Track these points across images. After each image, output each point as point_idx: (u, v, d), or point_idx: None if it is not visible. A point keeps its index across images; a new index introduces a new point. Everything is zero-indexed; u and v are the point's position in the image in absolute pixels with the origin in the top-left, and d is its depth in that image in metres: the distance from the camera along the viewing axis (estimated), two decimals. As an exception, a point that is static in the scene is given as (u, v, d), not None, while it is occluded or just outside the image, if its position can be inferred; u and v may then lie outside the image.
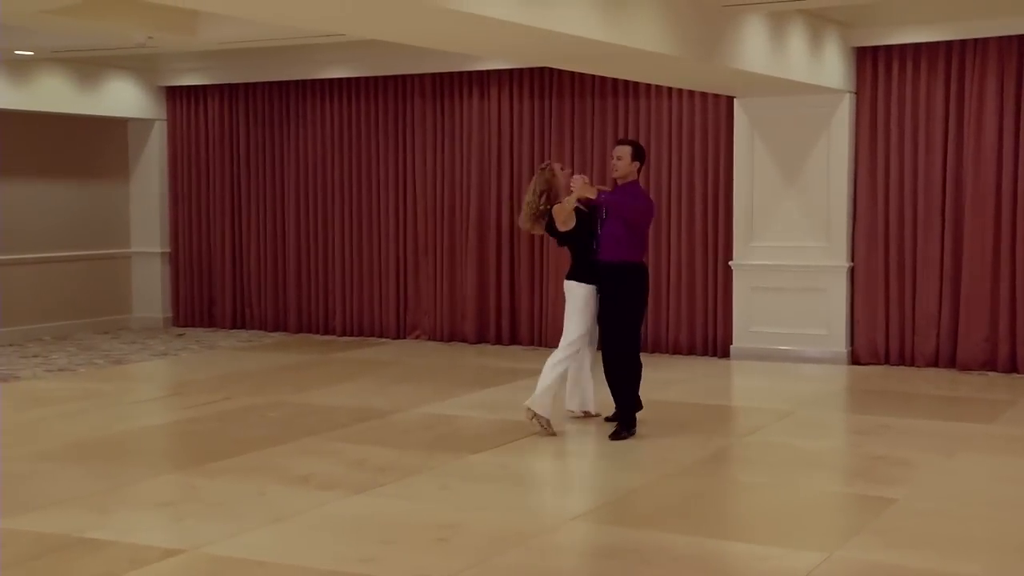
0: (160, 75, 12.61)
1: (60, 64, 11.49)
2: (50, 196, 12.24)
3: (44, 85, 11.49)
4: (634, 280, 7.25)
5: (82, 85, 11.87)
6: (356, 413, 8.12)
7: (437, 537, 5.29)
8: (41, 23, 8.49)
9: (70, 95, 11.77)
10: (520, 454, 6.95)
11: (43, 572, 4.88)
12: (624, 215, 7.16)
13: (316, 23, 7.22)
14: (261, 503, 5.86)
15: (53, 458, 6.89)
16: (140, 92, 12.57)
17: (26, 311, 11.98)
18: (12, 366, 10.30)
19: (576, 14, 6.62)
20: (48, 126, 12.06)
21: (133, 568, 4.87)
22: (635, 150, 7.27)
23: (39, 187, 12.14)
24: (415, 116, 11.75)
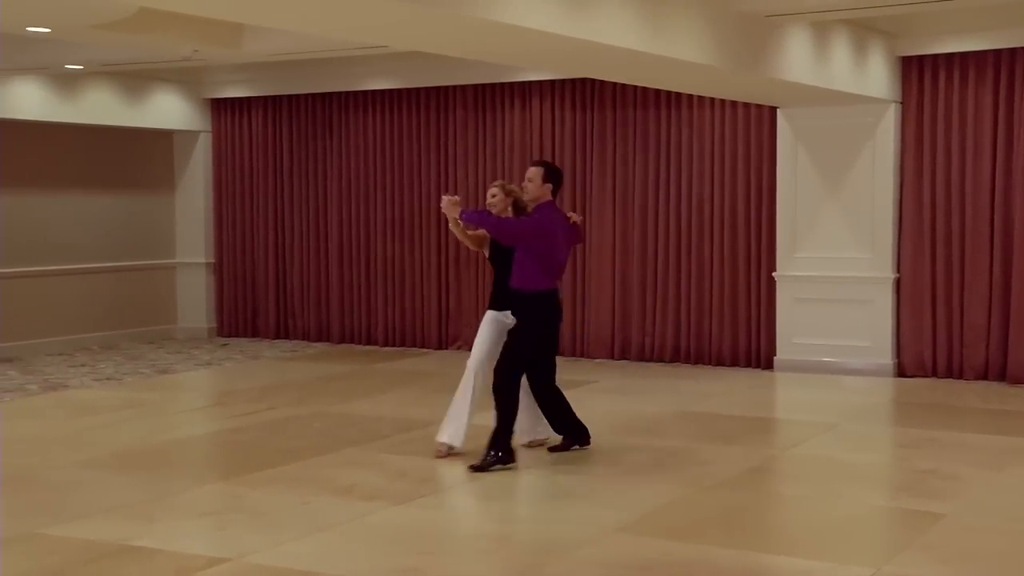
0: (205, 87, 12.75)
1: (108, 77, 11.66)
2: (97, 207, 12.41)
3: (92, 98, 11.67)
4: (537, 310, 6.80)
5: (129, 98, 12.04)
6: (398, 424, 8.15)
7: (479, 548, 5.31)
8: (91, 37, 8.62)
9: (117, 108, 11.94)
10: (562, 465, 6.95)
11: (91, 579, 4.95)
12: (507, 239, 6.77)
13: (359, 35, 7.27)
14: (304, 513, 5.90)
15: (100, 466, 6.98)
16: (185, 104, 12.72)
17: (74, 321, 12.15)
18: (61, 375, 10.45)
19: (618, 25, 6.63)
20: (96, 138, 12.23)
21: (179, 576, 4.94)
22: (547, 171, 6.86)
23: (87, 199, 12.32)
24: (457, 127, 11.80)
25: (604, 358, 11.17)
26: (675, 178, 10.86)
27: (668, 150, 10.89)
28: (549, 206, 6.87)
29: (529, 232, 6.78)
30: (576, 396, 9.22)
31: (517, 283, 6.81)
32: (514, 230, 6.80)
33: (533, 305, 6.80)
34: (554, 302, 6.92)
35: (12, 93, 11.05)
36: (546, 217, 6.83)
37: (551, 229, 6.80)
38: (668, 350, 10.94)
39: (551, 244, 6.80)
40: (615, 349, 11.19)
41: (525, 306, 6.82)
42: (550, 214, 6.85)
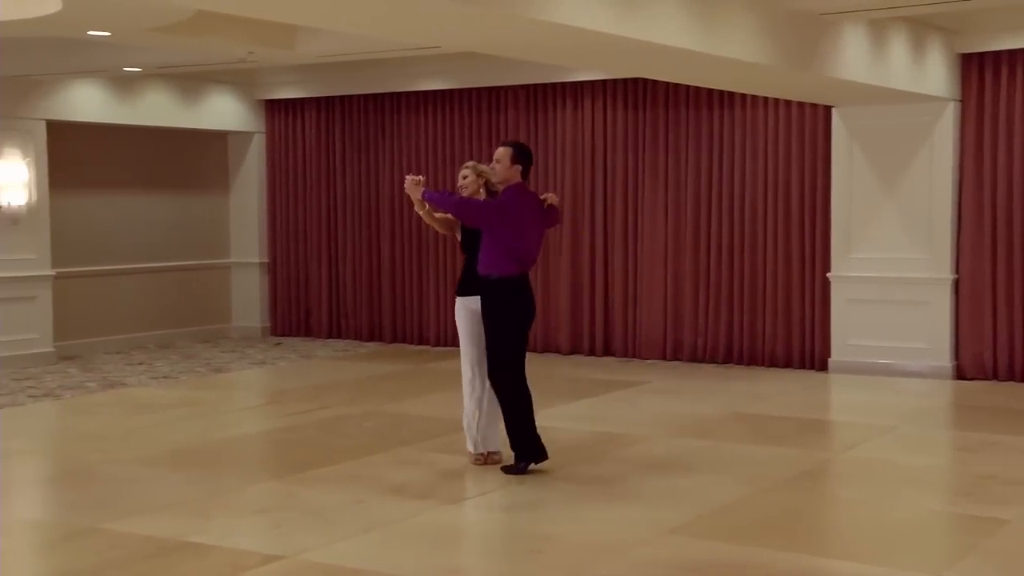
0: (259, 89, 12.88)
1: (165, 79, 11.81)
2: (154, 208, 12.57)
3: (150, 100, 11.82)
4: (500, 297, 6.51)
5: (185, 99, 12.19)
6: (450, 423, 8.15)
7: (531, 548, 5.31)
8: (148, 40, 8.74)
9: (174, 109, 12.10)
10: (615, 466, 6.93)
11: (152, 572, 5.00)
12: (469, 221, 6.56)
13: (412, 36, 7.31)
14: (357, 512, 5.94)
15: (157, 463, 7.07)
16: (240, 106, 12.85)
17: (131, 320, 12.32)
18: (119, 373, 10.60)
19: (671, 24, 6.61)
20: (152, 140, 12.39)
21: (235, 573, 4.98)
22: (515, 152, 6.56)
23: (144, 199, 12.48)
24: (508, 127, 11.81)
25: (656, 359, 11.13)
26: (728, 178, 10.80)
27: (721, 150, 10.82)
28: (518, 188, 6.58)
29: (493, 213, 6.49)
30: (628, 397, 9.26)
31: (483, 268, 6.52)
32: (477, 211, 6.53)
33: (499, 291, 6.50)
34: (521, 288, 6.58)
35: (73, 96, 11.23)
36: (512, 199, 6.53)
37: (517, 211, 6.50)
38: (721, 351, 10.88)
39: (517, 227, 6.50)
40: (667, 350, 11.14)
41: (491, 292, 6.52)
42: (518, 196, 6.55)
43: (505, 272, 6.50)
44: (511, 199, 6.52)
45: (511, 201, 6.52)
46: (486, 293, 6.53)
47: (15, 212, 10.86)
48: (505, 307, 6.53)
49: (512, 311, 6.56)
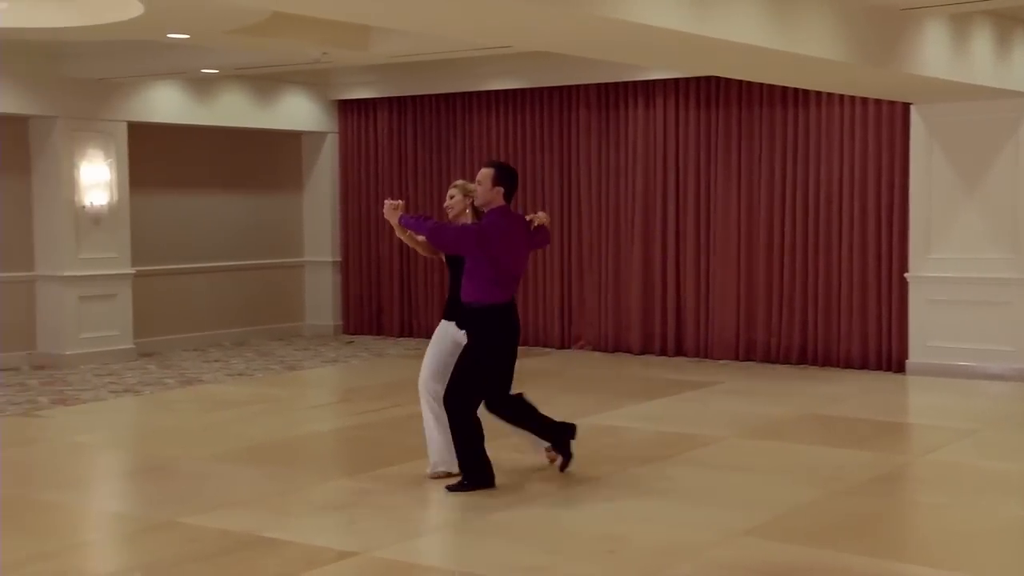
0: (333, 89, 13.00)
1: (240, 81, 11.98)
2: (229, 207, 12.75)
3: (226, 101, 12.00)
4: (486, 326, 6.20)
5: (260, 100, 12.35)
6: (521, 422, 8.17)
7: (603, 549, 5.30)
8: (226, 42, 8.88)
9: (249, 110, 12.26)
10: (686, 467, 6.89)
11: (228, 568, 5.08)
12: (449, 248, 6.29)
13: (485, 35, 7.33)
14: (429, 509, 5.98)
15: (233, 459, 7.17)
16: (314, 106, 12.99)
17: (208, 318, 12.51)
18: (196, 370, 10.77)
19: (745, 22, 6.55)
20: (228, 140, 12.57)
21: (310, 568, 5.03)
22: (497, 173, 6.19)
23: (220, 199, 12.67)
24: (580, 126, 11.79)
25: (728, 359, 11.04)
26: (802, 177, 10.68)
27: (795, 148, 10.71)
28: (501, 211, 6.20)
29: (472, 240, 6.12)
30: (700, 397, 9.20)
31: (467, 295, 6.20)
32: (455, 237, 6.19)
33: (485, 320, 6.17)
34: (508, 316, 6.25)
35: (152, 97, 11.43)
36: (493, 223, 6.15)
37: (497, 236, 6.12)
38: (795, 351, 10.76)
39: (500, 252, 6.13)
40: (740, 350, 11.05)
41: (476, 321, 6.19)
42: (500, 219, 6.17)
43: (491, 300, 6.17)
44: (492, 224, 6.15)
45: (492, 226, 6.15)
46: (471, 321, 6.22)
47: (97, 212, 11.09)
48: (491, 337, 6.21)
49: (497, 341, 6.24)
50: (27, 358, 10.93)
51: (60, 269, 10.95)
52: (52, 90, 10.70)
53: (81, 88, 10.86)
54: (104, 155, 11.14)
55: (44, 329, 11.05)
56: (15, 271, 10.93)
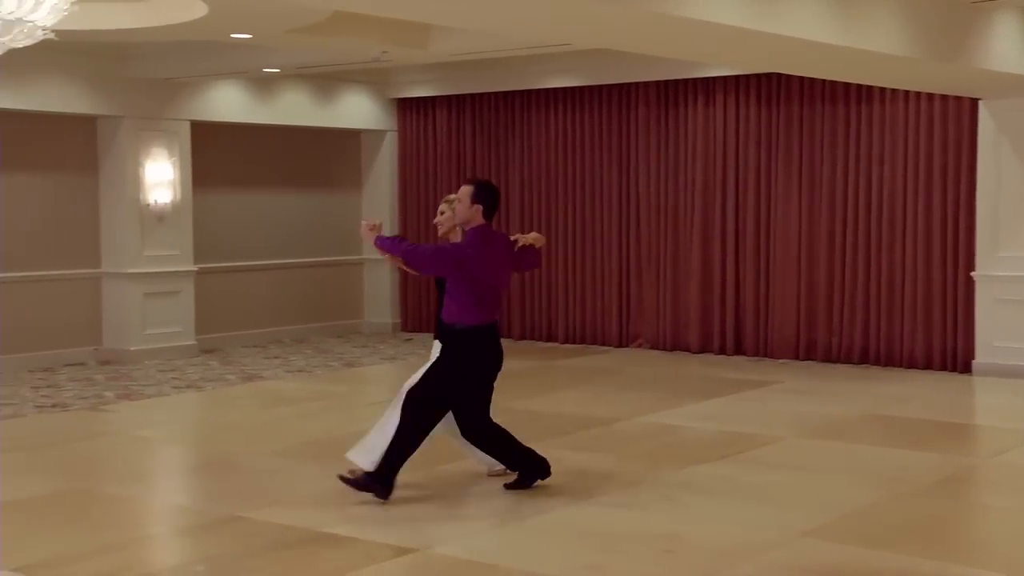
0: (392, 88, 13.06)
1: (301, 80, 12.08)
2: (290, 205, 12.87)
3: (287, 100, 12.11)
4: (467, 348, 6.02)
5: (320, 99, 12.44)
6: (579, 421, 8.17)
7: (662, 548, 5.27)
8: (287, 42, 8.95)
9: (310, 109, 12.36)
10: (746, 466, 6.83)
11: (289, 563, 5.12)
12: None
13: (546, 33, 7.32)
14: (489, 507, 5.97)
15: (293, 455, 7.23)
16: (373, 104, 13.06)
17: (267, 314, 12.63)
18: (256, 366, 10.88)
19: (808, 17, 6.48)
20: (289, 138, 12.68)
21: (369, 564, 5.06)
22: (477, 190, 5.99)
23: (280, 197, 12.78)
24: (639, 124, 11.74)
25: (788, 359, 10.94)
26: (865, 175, 10.55)
27: (858, 145, 10.58)
28: (480, 231, 6.00)
29: (449, 262, 5.97)
30: (760, 396, 9.12)
31: (448, 316, 6.04)
32: (432, 260, 6.04)
33: (462, 342, 6.00)
34: (488, 339, 6.04)
35: (215, 97, 11.56)
36: (472, 242, 5.98)
37: (475, 256, 5.94)
38: (856, 351, 10.63)
39: (479, 273, 5.95)
40: (800, 349, 10.94)
41: (454, 342, 6.02)
42: (478, 239, 5.99)
43: (473, 321, 5.97)
44: (471, 244, 5.99)
45: (471, 247, 5.97)
46: (452, 342, 6.03)
47: (161, 210, 11.25)
48: (471, 360, 6.05)
49: (477, 365, 6.07)
50: (93, 353, 11.12)
51: (125, 266, 11.12)
52: (119, 90, 10.86)
53: (146, 88, 11.02)
54: (168, 154, 11.30)
55: (110, 325, 11.23)
56: (82, 268, 11.12)
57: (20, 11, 6.26)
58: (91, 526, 5.70)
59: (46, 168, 10.85)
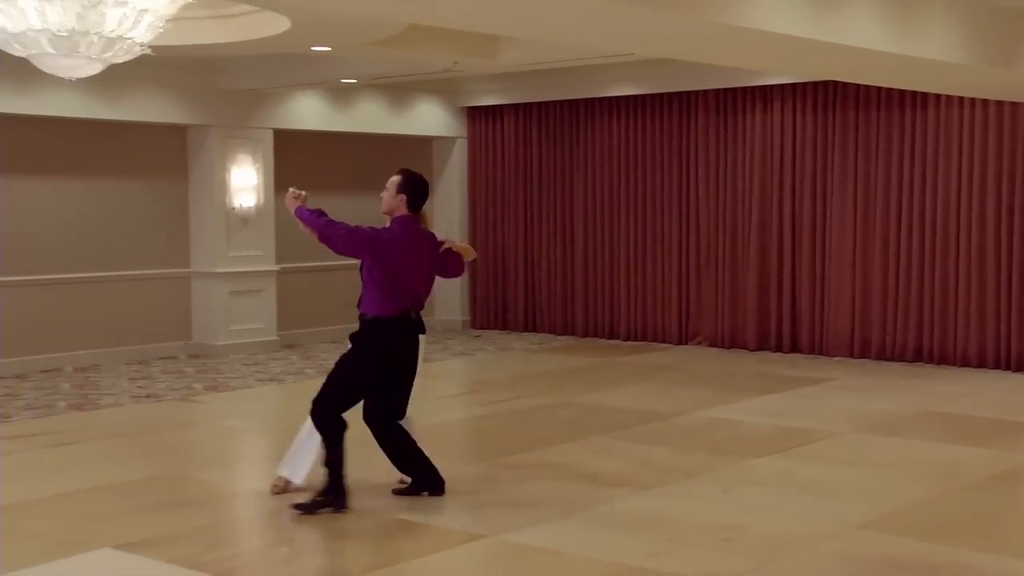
0: (462, 96, 13.09)
1: (376, 89, 12.16)
2: (365, 208, 12.86)
3: (363, 109, 12.20)
4: (366, 338, 5.73)
5: (395, 108, 12.52)
6: (640, 415, 8.13)
7: (721, 537, 5.22)
8: (364, 54, 9.01)
9: (384, 117, 12.44)
10: (802, 460, 6.76)
11: (366, 548, 5.18)
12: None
13: (609, 44, 7.28)
14: (554, 496, 5.96)
15: (367, 445, 7.20)
16: (444, 112, 13.11)
17: (343, 312, 12.64)
18: (334, 360, 10.81)
19: (865, 26, 6.37)
20: (364, 145, 12.76)
21: (440, 550, 5.08)
22: (403, 181, 5.78)
23: (356, 200, 12.82)
24: (699, 130, 11.65)
25: (843, 356, 10.79)
26: (919, 178, 10.37)
27: (912, 151, 10.40)
28: (404, 221, 5.75)
29: (363, 244, 5.67)
30: (816, 393, 9.01)
31: (361, 305, 5.76)
32: (344, 238, 5.72)
33: (369, 332, 5.69)
34: (395, 332, 5.69)
35: (296, 106, 11.69)
36: (392, 231, 5.71)
37: (393, 244, 5.67)
38: (910, 350, 10.46)
39: (391, 260, 5.67)
40: (854, 347, 10.78)
41: (362, 331, 5.73)
42: (400, 228, 5.74)
43: (384, 313, 5.66)
44: (390, 231, 5.71)
45: (388, 233, 5.69)
46: (361, 331, 5.74)
47: (246, 213, 11.39)
48: (378, 352, 5.69)
49: (384, 358, 5.71)
50: (184, 347, 11.29)
51: (212, 266, 11.28)
52: (207, 101, 11.02)
53: (233, 98, 11.16)
54: (252, 160, 11.44)
55: (199, 321, 11.40)
56: (174, 268, 11.30)
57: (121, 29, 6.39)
58: (183, 508, 5.79)
59: (141, 174, 11.04)
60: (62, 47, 6.36)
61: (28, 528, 5.44)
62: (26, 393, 9.11)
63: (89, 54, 6.47)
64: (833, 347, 10.90)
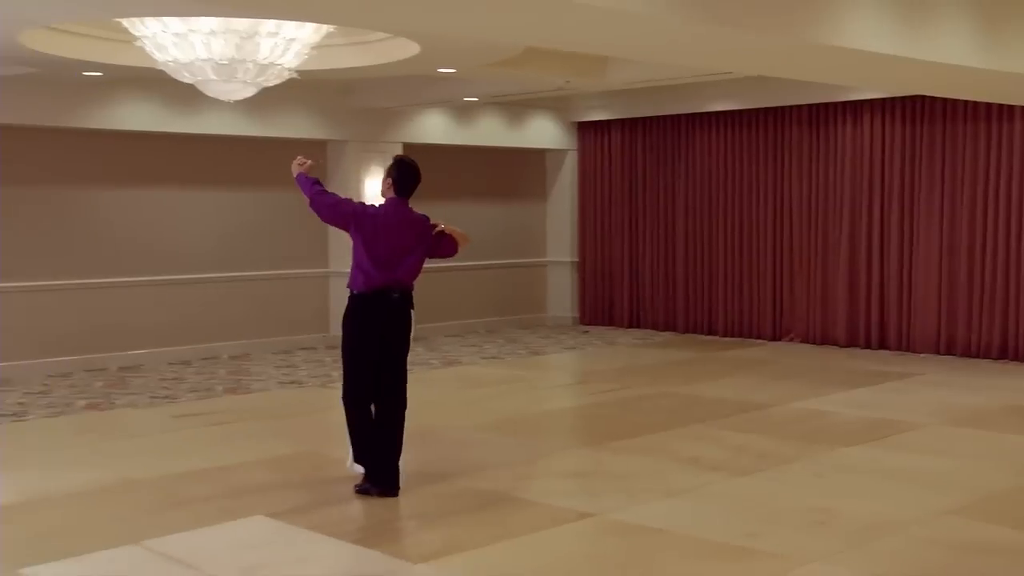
0: (572, 112, 13.09)
1: (495, 106, 12.24)
2: (485, 214, 13.06)
3: (483, 124, 12.29)
4: (347, 314, 5.48)
5: (511, 123, 12.58)
6: (737, 405, 8.03)
7: (814, 520, 5.14)
8: (485, 74, 9.09)
9: (502, 131, 12.51)
10: (891, 449, 6.59)
11: (487, 521, 5.20)
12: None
13: (711, 64, 7.22)
14: (657, 479, 5.93)
15: (488, 429, 7.35)
16: (556, 127, 13.12)
17: (465, 308, 12.87)
18: (456, 353, 11.09)
19: (955, 43, 6.17)
20: (484, 157, 12.86)
21: (554, 526, 5.09)
22: (391, 165, 5.58)
23: (476, 207, 12.99)
24: (792, 143, 11.44)
25: (929, 353, 10.47)
26: (1005, 188, 9.99)
27: (999, 161, 10.03)
28: (394, 203, 5.53)
29: (346, 213, 5.41)
30: (904, 387, 8.77)
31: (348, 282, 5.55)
32: (330, 208, 5.50)
33: (347, 308, 5.46)
34: (360, 308, 5.38)
35: (423, 122, 11.84)
36: (376, 208, 5.48)
37: (374, 217, 5.43)
38: (995, 348, 10.09)
39: (369, 238, 5.41)
40: (940, 344, 10.46)
41: (346, 311, 5.49)
42: (387, 207, 5.51)
43: (356, 288, 5.42)
44: (376, 209, 5.49)
45: (374, 210, 5.47)
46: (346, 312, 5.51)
47: (377, 218, 11.58)
48: (347, 327, 5.43)
49: (351, 332, 5.41)
50: (322, 340, 11.55)
51: (346, 266, 11.41)
52: (345, 118, 11.24)
53: (367, 116, 11.37)
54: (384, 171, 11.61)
55: (335, 316, 11.58)
56: (314, 268, 11.56)
57: (272, 56, 6.59)
58: (322, 482, 5.90)
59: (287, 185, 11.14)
60: (223, 74, 6.61)
61: (193, 495, 5.65)
62: (190, 378, 9.44)
63: (245, 79, 6.70)
64: (920, 344, 10.59)
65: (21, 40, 7.02)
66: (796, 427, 7.28)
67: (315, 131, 11.05)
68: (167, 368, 9.96)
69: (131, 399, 8.39)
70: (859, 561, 4.58)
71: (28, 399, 8.38)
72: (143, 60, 7.08)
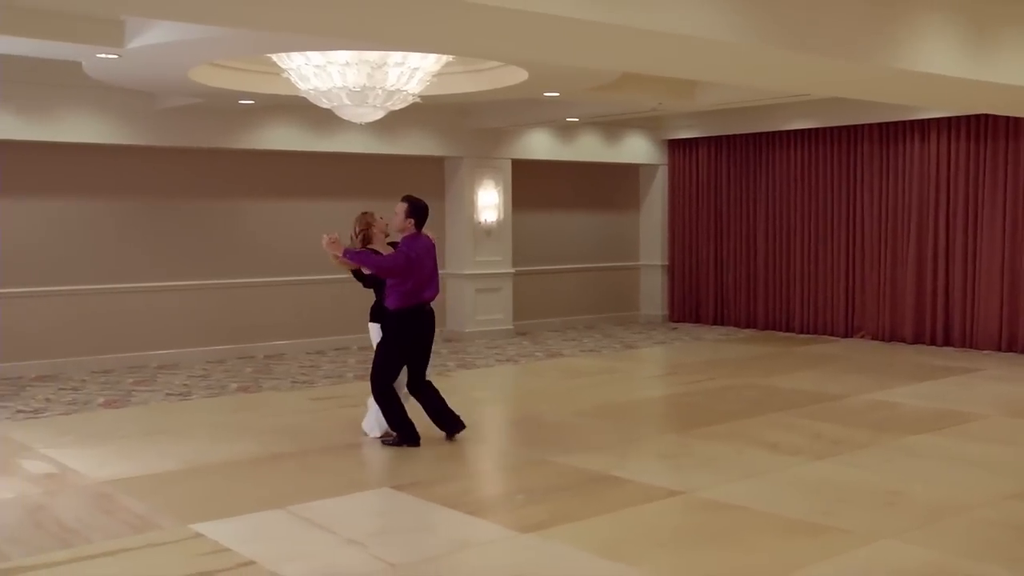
0: (664, 131, 13.00)
1: (594, 126, 12.23)
2: (583, 223, 13.08)
3: (583, 142, 12.30)
4: (399, 325, 6.17)
5: (608, 140, 12.56)
6: (812, 396, 7.88)
7: (885, 501, 5.02)
8: (585, 97, 9.10)
9: (600, 148, 12.50)
10: (956, 438, 6.38)
11: (585, 496, 5.23)
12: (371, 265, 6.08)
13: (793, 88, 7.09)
14: (740, 461, 5.88)
15: (586, 415, 7.36)
16: (649, 144, 13.04)
17: (566, 306, 12.90)
18: (558, 346, 11.13)
19: (1018, 66, 5.95)
20: (584, 171, 12.87)
21: (647, 502, 5.09)
22: (409, 207, 6.18)
23: (576, 216, 13.01)
24: (864, 158, 11.15)
25: (991, 350, 10.08)
26: (1069, 196, 9.56)
27: (1062, 172, 9.60)
28: (417, 236, 6.23)
29: (405, 264, 6.08)
30: (968, 381, 8.48)
31: (391, 303, 6.16)
32: (391, 266, 6.08)
33: (402, 321, 6.16)
34: (419, 316, 6.20)
35: (529, 140, 11.91)
36: (413, 247, 6.16)
37: (420, 255, 6.16)
38: (1057, 346, 9.67)
39: (419, 270, 6.15)
40: (1002, 341, 10.06)
41: (395, 321, 6.18)
42: (415, 243, 6.19)
43: (404, 304, 6.16)
44: (413, 248, 6.16)
45: (415, 250, 6.15)
46: (392, 322, 6.19)
47: (489, 226, 11.71)
48: (407, 333, 6.20)
49: (412, 335, 6.21)
50: (440, 334, 11.68)
51: (462, 268, 11.65)
52: (460, 137, 11.39)
53: (480, 135, 11.49)
54: (495, 184, 11.74)
55: (452, 312, 11.80)
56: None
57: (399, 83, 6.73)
58: (442, 459, 6.01)
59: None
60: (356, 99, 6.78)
61: (328, 467, 5.83)
62: (324, 365, 9.71)
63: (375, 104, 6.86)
64: (982, 341, 10.21)
65: (191, 75, 7.34)
66: (867, 416, 7.11)
67: (435, 149, 11.22)
68: (305, 357, 10.25)
69: (275, 383, 8.67)
70: (927, 539, 4.46)
71: (191, 381, 8.74)
72: (288, 89, 7.32)
